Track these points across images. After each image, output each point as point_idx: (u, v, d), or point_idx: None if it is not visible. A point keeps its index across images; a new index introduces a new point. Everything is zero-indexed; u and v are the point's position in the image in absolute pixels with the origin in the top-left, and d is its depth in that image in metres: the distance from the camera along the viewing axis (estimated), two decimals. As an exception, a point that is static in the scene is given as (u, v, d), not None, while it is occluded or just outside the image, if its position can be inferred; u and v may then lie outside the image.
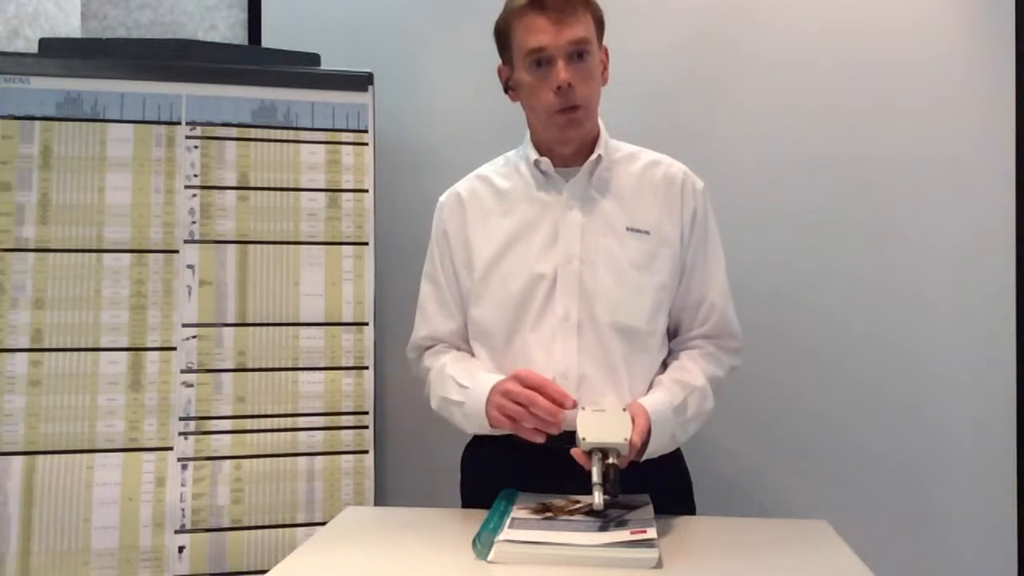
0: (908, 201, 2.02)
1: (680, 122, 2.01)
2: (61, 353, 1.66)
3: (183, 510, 1.67)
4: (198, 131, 1.77)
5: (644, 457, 1.29)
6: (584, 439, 1.21)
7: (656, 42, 2.04)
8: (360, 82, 1.87)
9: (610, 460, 1.20)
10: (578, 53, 1.36)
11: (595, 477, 1.18)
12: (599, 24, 1.41)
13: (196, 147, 1.77)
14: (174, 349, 1.71)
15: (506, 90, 1.47)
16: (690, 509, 1.47)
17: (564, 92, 1.35)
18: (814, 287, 2.03)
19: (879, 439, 2.02)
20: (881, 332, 2.02)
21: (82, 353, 1.67)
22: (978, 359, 2.01)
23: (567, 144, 1.43)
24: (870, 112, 2.03)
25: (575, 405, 1.28)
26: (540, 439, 1.27)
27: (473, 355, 1.49)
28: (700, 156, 1.51)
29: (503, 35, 1.42)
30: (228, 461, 1.70)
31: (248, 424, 1.72)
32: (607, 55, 1.43)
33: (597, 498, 1.17)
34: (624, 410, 1.28)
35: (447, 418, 1.43)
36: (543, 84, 1.36)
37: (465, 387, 1.37)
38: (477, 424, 1.37)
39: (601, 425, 1.23)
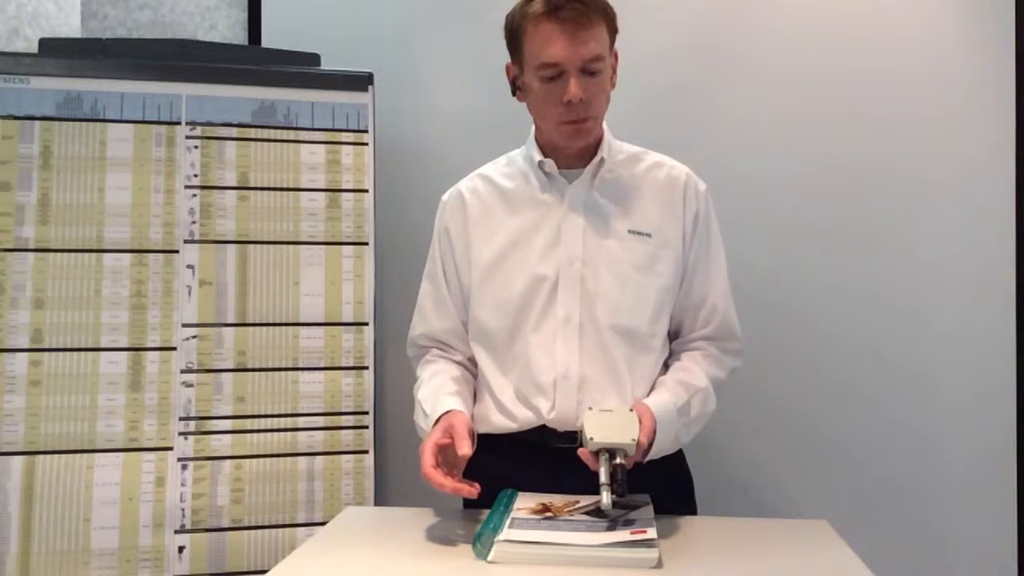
0: (907, 207, 2.03)
1: (678, 128, 2.00)
2: (61, 353, 1.66)
3: (183, 510, 1.67)
4: (198, 131, 1.78)
5: (648, 458, 1.29)
6: (592, 439, 1.21)
7: (655, 47, 2.04)
8: (360, 82, 1.87)
9: (617, 460, 1.19)
10: (591, 69, 1.33)
11: (603, 478, 1.18)
12: (613, 33, 1.38)
13: (196, 147, 1.77)
14: (174, 349, 1.71)
15: (513, 89, 1.45)
16: (691, 509, 1.47)
17: (575, 107, 1.34)
18: (813, 290, 2.03)
19: (879, 439, 2.02)
20: (881, 335, 2.02)
21: (82, 353, 1.67)
22: (978, 360, 2.01)
23: (571, 149, 1.43)
24: (869, 119, 2.03)
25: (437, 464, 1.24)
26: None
27: (471, 355, 1.49)
28: (697, 162, 1.51)
29: (514, 36, 1.38)
30: (228, 461, 1.70)
31: (248, 424, 1.72)
32: (616, 58, 1.42)
33: (605, 498, 1.17)
34: (631, 411, 1.28)
35: None
36: (553, 96, 1.34)
37: (428, 416, 1.36)
38: None
39: (608, 426, 1.23)
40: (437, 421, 1.31)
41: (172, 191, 1.75)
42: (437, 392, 1.40)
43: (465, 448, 1.23)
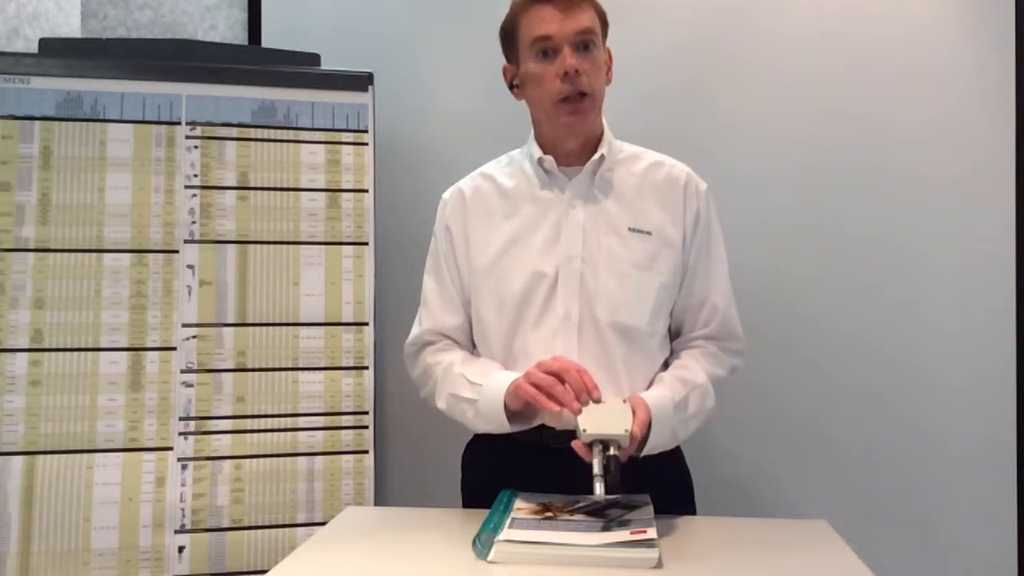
0: (907, 207, 2.03)
1: (677, 127, 2.00)
2: (61, 353, 1.66)
3: (183, 510, 1.67)
4: (198, 131, 1.78)
5: (644, 452, 1.29)
6: (585, 431, 1.20)
7: (654, 47, 2.04)
8: (360, 82, 1.87)
9: (611, 452, 1.19)
10: (584, 43, 1.37)
11: (596, 468, 1.18)
12: (603, 23, 1.42)
13: (196, 147, 1.77)
14: (174, 349, 1.71)
15: (511, 89, 1.47)
16: (691, 510, 1.47)
17: (571, 78, 1.35)
18: (814, 291, 2.03)
19: (879, 440, 2.02)
20: (881, 335, 2.02)
21: (82, 353, 1.67)
22: (978, 360, 2.01)
23: (573, 136, 1.43)
24: (869, 119, 2.03)
25: (599, 400, 1.26)
26: (557, 409, 1.24)
27: (476, 354, 1.48)
28: (697, 162, 1.51)
29: (509, 33, 1.43)
30: (228, 461, 1.70)
31: (248, 424, 1.72)
32: (610, 56, 1.44)
33: (598, 489, 1.17)
34: (624, 402, 1.28)
35: (456, 417, 1.42)
36: (549, 72, 1.37)
37: (478, 384, 1.36)
38: (491, 420, 1.35)
39: (601, 417, 1.23)
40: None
41: (172, 191, 1.75)
42: (484, 367, 1.40)
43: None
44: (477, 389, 1.36)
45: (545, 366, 1.28)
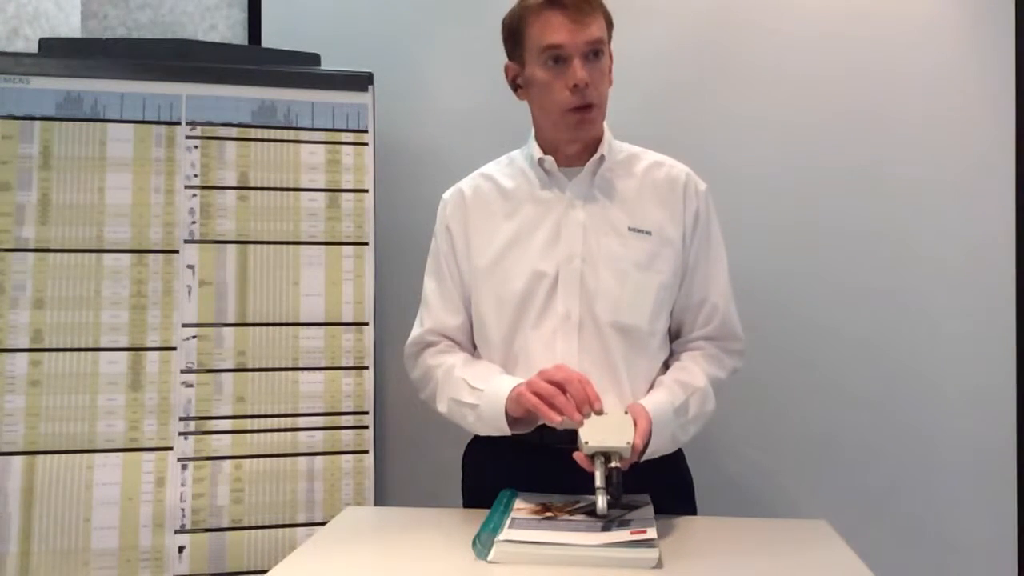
0: (908, 207, 2.03)
1: (678, 127, 2.00)
2: (61, 353, 1.66)
3: (183, 510, 1.67)
4: (198, 131, 1.77)
5: (644, 458, 1.29)
6: (587, 443, 1.21)
7: (654, 47, 2.04)
8: (360, 82, 1.86)
9: (613, 464, 1.20)
10: (594, 52, 1.37)
11: (598, 481, 1.18)
12: (609, 25, 1.42)
13: (196, 147, 1.77)
14: (174, 349, 1.71)
15: (514, 88, 1.47)
16: (691, 510, 1.47)
17: (580, 91, 1.35)
18: (813, 290, 2.03)
19: (879, 440, 2.02)
20: (881, 334, 2.02)
21: (82, 353, 1.67)
22: (978, 360, 2.01)
23: (576, 143, 1.43)
24: (869, 118, 2.03)
25: (600, 411, 1.26)
26: (558, 419, 1.24)
27: (476, 355, 1.48)
28: (697, 162, 1.51)
29: (515, 32, 1.42)
30: (228, 461, 1.70)
31: (248, 424, 1.72)
32: (611, 58, 1.44)
33: (600, 502, 1.18)
34: (625, 413, 1.28)
35: (457, 420, 1.42)
36: (558, 81, 1.36)
37: (479, 389, 1.36)
38: (492, 425, 1.35)
39: (603, 429, 1.23)
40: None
41: (172, 191, 1.75)
42: (485, 372, 1.40)
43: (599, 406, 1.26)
44: (478, 394, 1.36)
45: (547, 375, 1.28)
